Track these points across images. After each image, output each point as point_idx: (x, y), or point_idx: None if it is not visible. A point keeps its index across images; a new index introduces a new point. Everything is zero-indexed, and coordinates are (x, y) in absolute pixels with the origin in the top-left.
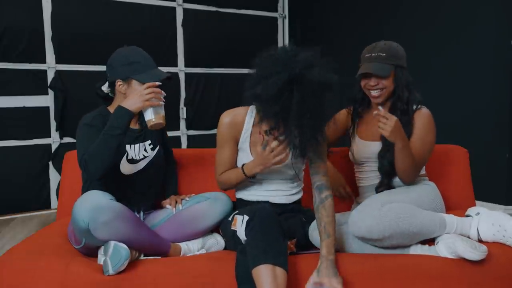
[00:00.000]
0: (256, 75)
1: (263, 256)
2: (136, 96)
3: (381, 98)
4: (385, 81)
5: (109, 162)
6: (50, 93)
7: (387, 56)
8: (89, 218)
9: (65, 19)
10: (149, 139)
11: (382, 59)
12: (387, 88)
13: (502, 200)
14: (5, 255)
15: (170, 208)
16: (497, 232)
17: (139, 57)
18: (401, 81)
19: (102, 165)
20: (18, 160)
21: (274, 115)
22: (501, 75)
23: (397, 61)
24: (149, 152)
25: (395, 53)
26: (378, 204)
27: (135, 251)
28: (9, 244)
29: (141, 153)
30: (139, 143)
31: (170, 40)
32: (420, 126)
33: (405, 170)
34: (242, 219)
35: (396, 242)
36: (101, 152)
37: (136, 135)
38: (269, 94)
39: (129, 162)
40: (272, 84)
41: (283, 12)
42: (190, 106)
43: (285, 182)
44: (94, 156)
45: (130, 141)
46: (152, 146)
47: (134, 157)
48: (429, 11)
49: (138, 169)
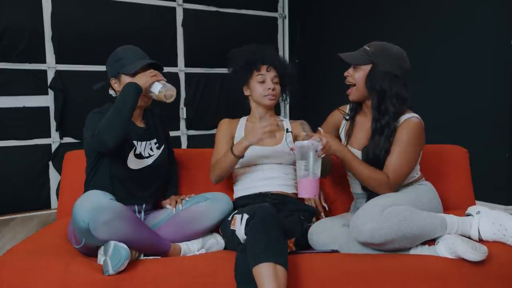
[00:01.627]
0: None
1: (264, 254)
2: (143, 76)
3: (351, 96)
4: (356, 75)
5: (122, 132)
6: (50, 93)
7: (372, 51)
8: (89, 218)
9: (65, 19)
10: (154, 137)
11: (362, 51)
12: (357, 85)
13: (502, 200)
14: (5, 255)
15: (170, 208)
16: (498, 232)
17: (127, 53)
18: (376, 82)
19: (116, 133)
20: (18, 160)
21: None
22: (501, 75)
23: (379, 61)
24: (154, 150)
25: (385, 54)
26: (379, 208)
27: (135, 251)
28: (9, 244)
29: (147, 151)
30: (146, 141)
31: (170, 40)
32: (402, 138)
33: (367, 183)
34: (241, 218)
35: (398, 245)
36: (115, 121)
37: (143, 133)
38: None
39: (136, 157)
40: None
41: (283, 12)
42: (190, 106)
43: (281, 168)
44: (108, 126)
45: (137, 138)
46: (158, 145)
47: (142, 153)
48: (429, 11)
49: (145, 165)
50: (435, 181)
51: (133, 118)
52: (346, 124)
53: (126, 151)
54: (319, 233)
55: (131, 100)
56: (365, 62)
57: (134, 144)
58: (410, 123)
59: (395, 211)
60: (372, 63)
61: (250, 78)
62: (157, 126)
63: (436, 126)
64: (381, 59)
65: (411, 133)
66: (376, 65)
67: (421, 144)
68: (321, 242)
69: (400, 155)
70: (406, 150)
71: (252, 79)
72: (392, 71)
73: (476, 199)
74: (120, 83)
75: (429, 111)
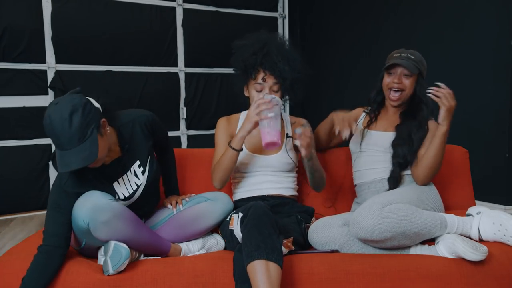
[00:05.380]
0: (235, 50)
1: (256, 252)
2: None
3: (398, 101)
4: (408, 82)
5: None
6: (50, 93)
7: (416, 59)
8: (89, 218)
9: (65, 19)
10: (137, 159)
11: (412, 60)
12: (407, 90)
13: (502, 200)
14: (5, 255)
15: (171, 208)
16: (498, 232)
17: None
18: (422, 88)
19: None
20: (18, 160)
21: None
22: (501, 75)
23: (422, 68)
24: (140, 178)
25: (422, 60)
26: (379, 205)
27: (135, 251)
28: (9, 244)
29: (132, 182)
30: (127, 172)
31: (170, 40)
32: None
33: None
34: (238, 217)
35: (397, 243)
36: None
37: (119, 167)
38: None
39: (124, 200)
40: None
41: (283, 12)
42: (190, 106)
43: (280, 173)
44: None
45: (113, 177)
46: (143, 169)
47: (126, 194)
48: (429, 11)
49: (136, 197)
50: (436, 181)
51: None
52: (366, 116)
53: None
54: (319, 232)
55: None
56: (417, 71)
57: (116, 192)
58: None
59: (395, 209)
60: (419, 71)
61: (249, 82)
62: (137, 141)
63: None
64: (422, 67)
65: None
66: (420, 73)
67: None
68: (321, 241)
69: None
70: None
71: (250, 84)
72: (425, 75)
73: (476, 199)
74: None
75: None
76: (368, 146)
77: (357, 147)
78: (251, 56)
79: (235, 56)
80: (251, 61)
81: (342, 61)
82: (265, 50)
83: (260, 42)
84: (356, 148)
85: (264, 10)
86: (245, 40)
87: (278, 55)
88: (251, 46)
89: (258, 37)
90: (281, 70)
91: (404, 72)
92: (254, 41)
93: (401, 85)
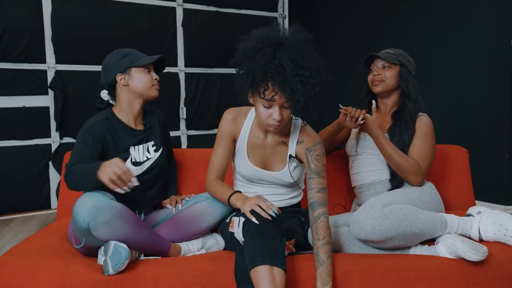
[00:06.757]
0: (243, 52)
1: (260, 257)
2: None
3: (378, 87)
4: (388, 74)
5: (85, 189)
6: (50, 93)
7: (395, 54)
8: (89, 218)
9: (65, 19)
10: (152, 139)
11: (390, 54)
12: (387, 80)
13: (502, 200)
14: (5, 255)
15: (171, 208)
16: (498, 232)
17: (132, 50)
18: (406, 81)
19: (78, 189)
20: (18, 160)
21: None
22: (501, 75)
23: (404, 61)
24: (152, 153)
25: (404, 55)
26: (380, 205)
27: (135, 251)
28: (9, 244)
29: (145, 154)
30: (143, 143)
31: (170, 40)
32: (422, 130)
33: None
34: (239, 221)
35: (398, 243)
36: (81, 181)
37: (140, 137)
38: (256, 69)
39: (134, 164)
40: (258, 59)
41: (283, 12)
42: (190, 106)
43: (282, 187)
44: (75, 181)
45: (134, 142)
46: (155, 148)
47: (138, 160)
48: (429, 11)
49: (143, 170)
50: (436, 181)
51: (132, 120)
52: None
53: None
54: None
55: (93, 185)
56: (395, 62)
57: (130, 153)
58: (425, 119)
59: (396, 209)
60: (400, 64)
61: (255, 94)
62: (156, 127)
63: (436, 126)
64: (404, 60)
65: (428, 126)
66: (402, 65)
67: (434, 138)
68: None
69: (422, 144)
70: (427, 140)
71: (257, 96)
72: (411, 70)
73: (476, 199)
74: (130, 77)
75: (429, 111)
76: (363, 149)
77: (353, 150)
78: (261, 68)
79: (240, 59)
80: (260, 76)
81: (342, 61)
82: (276, 61)
83: (272, 44)
84: (352, 151)
85: (264, 10)
86: (253, 39)
87: (291, 65)
88: (260, 50)
89: (268, 35)
90: (294, 89)
91: (384, 65)
92: (264, 41)
93: (380, 76)
